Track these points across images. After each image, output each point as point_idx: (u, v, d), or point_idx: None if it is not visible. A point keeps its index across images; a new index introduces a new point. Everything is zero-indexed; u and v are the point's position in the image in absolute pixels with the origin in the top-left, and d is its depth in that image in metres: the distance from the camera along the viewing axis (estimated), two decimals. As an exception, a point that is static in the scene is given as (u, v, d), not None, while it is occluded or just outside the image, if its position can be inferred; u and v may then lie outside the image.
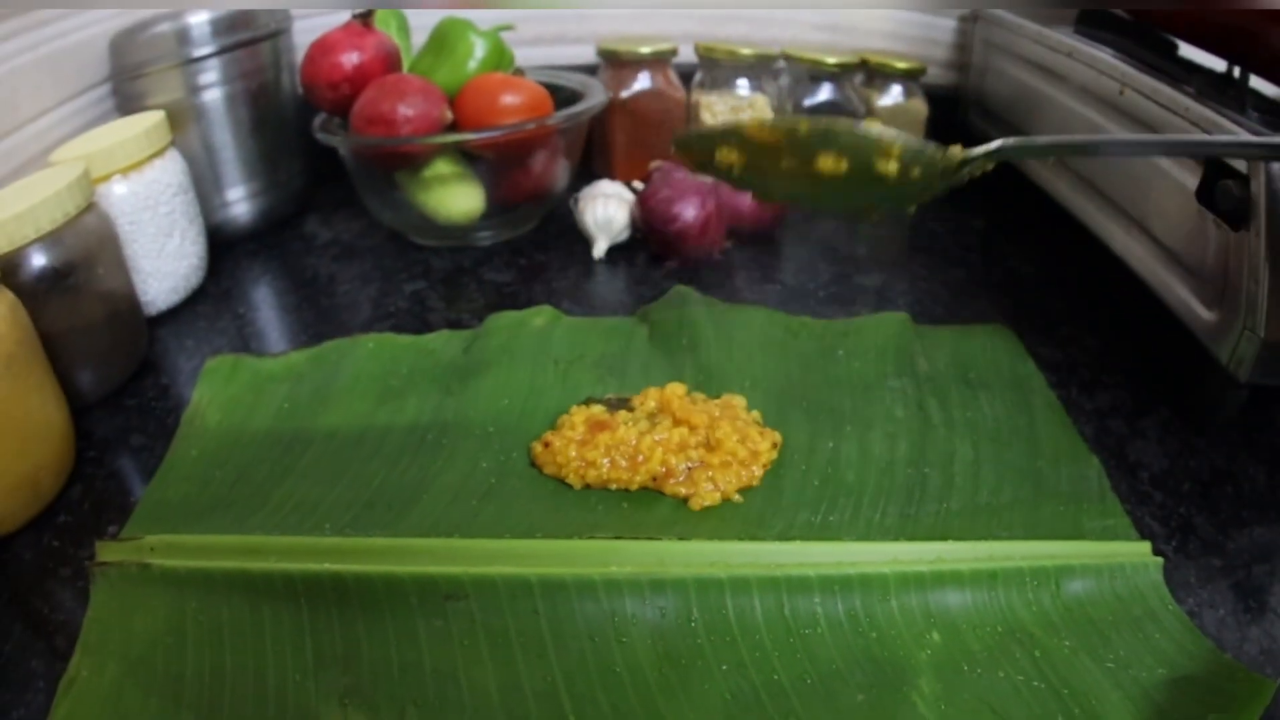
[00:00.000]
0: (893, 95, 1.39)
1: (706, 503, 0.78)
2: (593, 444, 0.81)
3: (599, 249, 1.25)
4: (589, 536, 0.73)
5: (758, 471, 0.81)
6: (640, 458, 0.80)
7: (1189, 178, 0.89)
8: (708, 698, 0.62)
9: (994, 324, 1.05)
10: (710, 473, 0.79)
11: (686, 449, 0.81)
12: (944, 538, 0.74)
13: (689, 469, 0.79)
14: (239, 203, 1.27)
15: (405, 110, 1.12)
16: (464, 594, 0.68)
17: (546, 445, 0.84)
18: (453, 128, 1.18)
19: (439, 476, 0.82)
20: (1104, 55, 1.06)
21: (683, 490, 0.79)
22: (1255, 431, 0.89)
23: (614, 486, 0.80)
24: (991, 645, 0.66)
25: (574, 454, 0.81)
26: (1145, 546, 0.74)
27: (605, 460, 0.80)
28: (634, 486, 0.80)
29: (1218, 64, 0.96)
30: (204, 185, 1.21)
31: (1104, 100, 1.05)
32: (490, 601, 0.67)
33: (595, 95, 1.27)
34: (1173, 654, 0.66)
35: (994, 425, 0.89)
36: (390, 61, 1.19)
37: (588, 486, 0.80)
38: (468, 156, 1.22)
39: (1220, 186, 0.83)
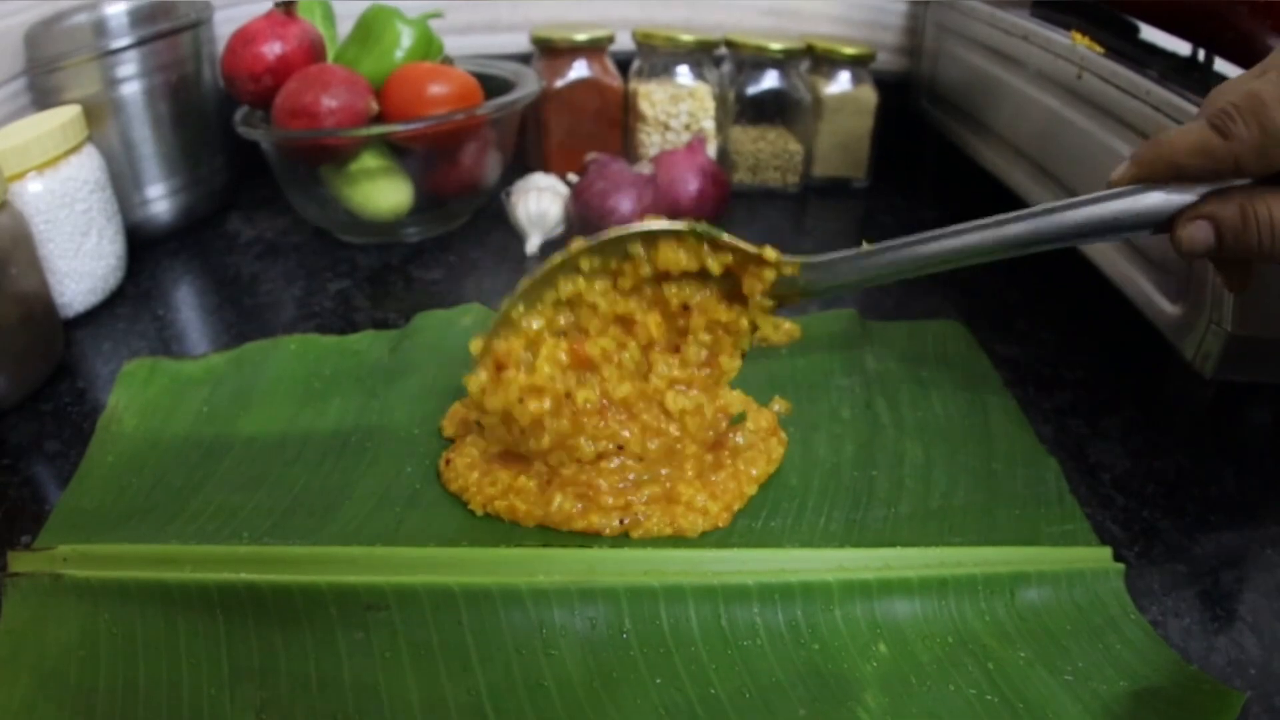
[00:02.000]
0: (840, 83, 1.40)
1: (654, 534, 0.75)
2: (491, 478, 0.79)
3: (532, 244, 1.25)
4: (515, 544, 0.72)
5: (748, 491, 0.80)
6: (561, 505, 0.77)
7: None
8: (640, 712, 0.61)
9: (947, 320, 1.06)
10: (670, 518, 0.76)
11: (627, 507, 0.76)
12: (892, 544, 0.73)
13: (626, 522, 0.76)
14: (159, 200, 1.26)
15: (328, 102, 1.12)
16: (385, 604, 0.66)
17: (448, 463, 0.82)
18: (378, 119, 1.18)
19: (361, 481, 0.81)
20: (1061, 38, 1.06)
21: (619, 526, 0.76)
22: (1222, 430, 0.90)
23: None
24: (941, 657, 0.66)
25: (475, 479, 0.79)
26: (1106, 552, 0.74)
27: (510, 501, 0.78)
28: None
29: (1181, 47, 0.96)
30: (123, 182, 1.20)
31: (1061, 85, 1.05)
32: (413, 612, 0.66)
33: (527, 84, 1.27)
34: (1135, 665, 0.65)
35: (946, 425, 0.88)
36: (314, 51, 1.19)
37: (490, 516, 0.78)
38: (395, 150, 1.22)
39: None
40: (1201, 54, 0.93)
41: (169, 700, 0.62)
